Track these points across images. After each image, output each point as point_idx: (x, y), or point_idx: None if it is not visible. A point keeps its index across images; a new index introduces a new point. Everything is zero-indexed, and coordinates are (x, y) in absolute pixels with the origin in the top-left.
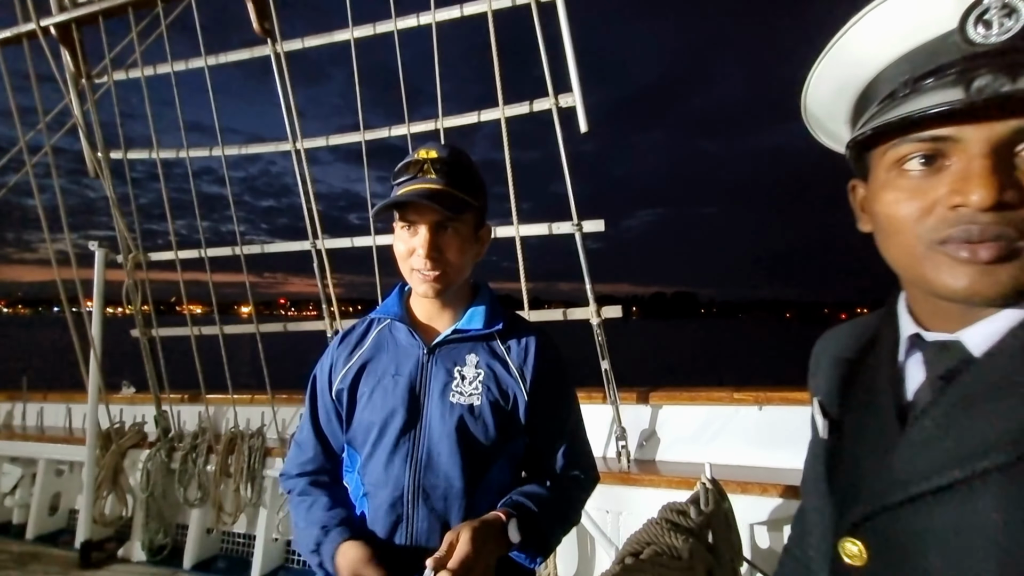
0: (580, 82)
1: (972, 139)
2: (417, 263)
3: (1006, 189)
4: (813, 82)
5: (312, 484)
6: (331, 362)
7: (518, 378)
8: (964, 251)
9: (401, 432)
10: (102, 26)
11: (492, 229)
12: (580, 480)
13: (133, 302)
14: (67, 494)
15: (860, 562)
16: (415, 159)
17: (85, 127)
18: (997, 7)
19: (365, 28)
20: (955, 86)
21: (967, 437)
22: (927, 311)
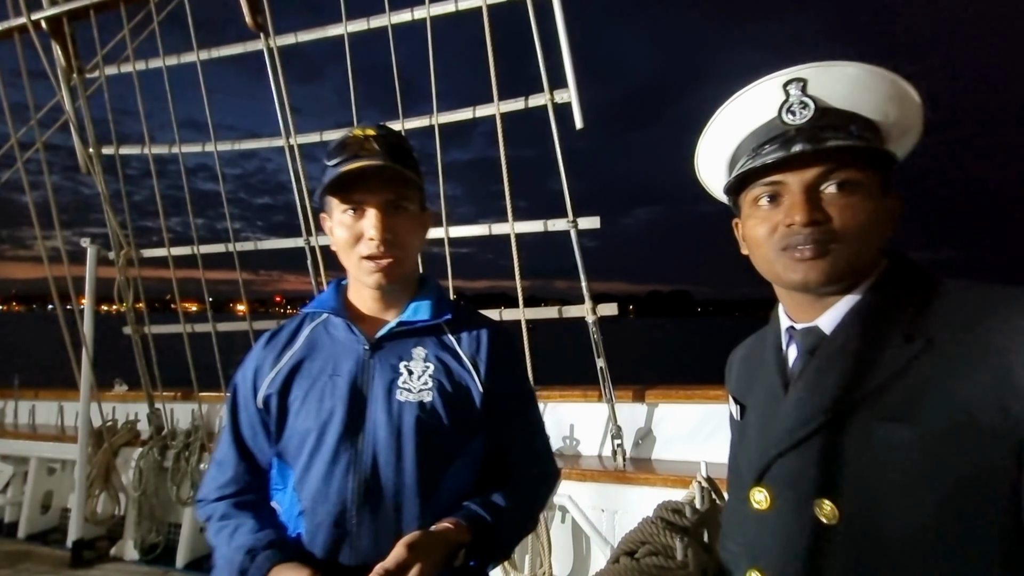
0: (576, 78)
1: (793, 182)
2: (368, 249)
3: (816, 211)
4: (699, 157)
5: (235, 506)
6: (256, 366)
7: (471, 369)
8: (796, 253)
9: (342, 438)
10: (94, 20)
11: (433, 214)
12: (543, 479)
13: (125, 299)
14: (59, 492)
15: (766, 505)
16: (352, 136)
17: (77, 123)
18: (797, 102)
19: (359, 23)
20: (780, 149)
21: (825, 392)
22: (793, 308)
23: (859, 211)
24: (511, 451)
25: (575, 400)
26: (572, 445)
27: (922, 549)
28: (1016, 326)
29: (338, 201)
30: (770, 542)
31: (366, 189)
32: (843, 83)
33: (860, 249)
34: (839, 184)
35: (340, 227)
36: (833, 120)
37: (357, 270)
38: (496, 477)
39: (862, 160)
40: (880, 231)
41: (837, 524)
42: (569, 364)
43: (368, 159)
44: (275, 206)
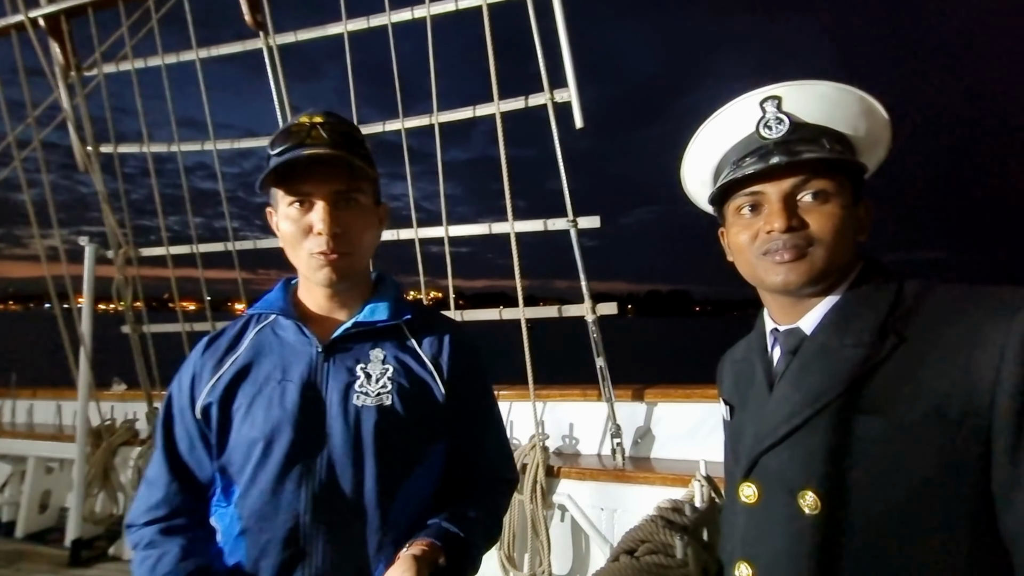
0: (576, 77)
1: (772, 192)
2: (316, 244)
3: (793, 218)
4: (684, 170)
5: (163, 532)
6: (193, 373)
7: (433, 371)
8: (776, 257)
9: (292, 448)
10: (92, 18)
11: (389, 208)
12: (505, 485)
13: (124, 298)
14: (57, 492)
15: (754, 499)
16: (299, 123)
17: (75, 121)
18: (773, 118)
19: (359, 21)
20: (759, 162)
21: (807, 389)
22: (776, 311)
23: (833, 217)
24: (475, 456)
25: (574, 399)
26: (571, 444)
27: (898, 535)
28: (977, 324)
29: (283, 193)
30: (758, 535)
31: (313, 180)
32: (815, 100)
33: (835, 252)
34: (814, 193)
35: (286, 221)
36: (806, 134)
37: (305, 267)
38: (459, 484)
39: (834, 171)
40: (853, 235)
41: (819, 514)
42: (568, 363)
43: (315, 148)
44: None
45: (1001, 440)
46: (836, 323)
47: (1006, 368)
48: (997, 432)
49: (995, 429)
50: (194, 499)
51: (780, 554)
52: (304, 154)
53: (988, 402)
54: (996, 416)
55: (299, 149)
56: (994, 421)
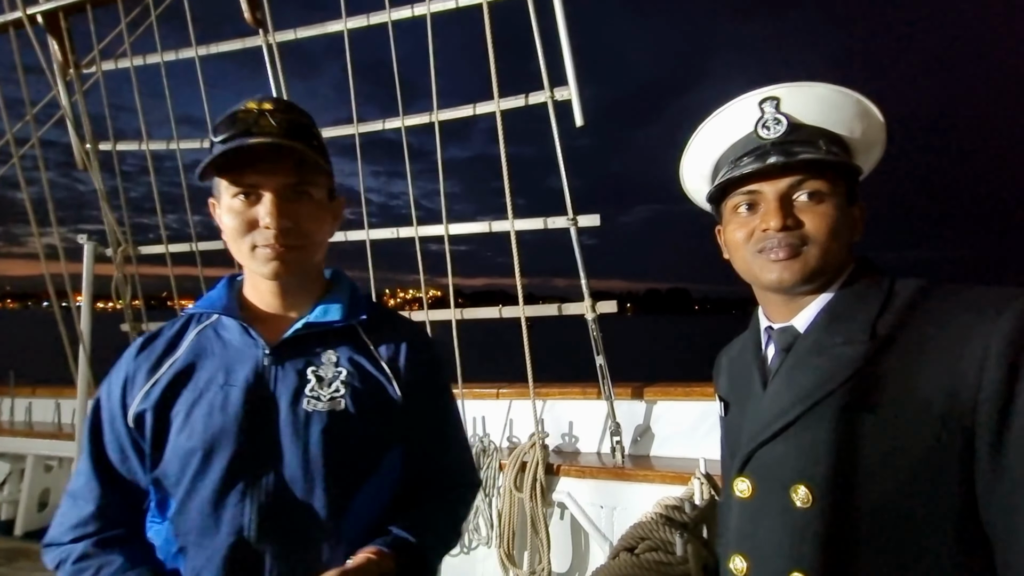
0: (576, 75)
1: (768, 191)
2: (263, 237)
3: (788, 217)
4: (683, 169)
5: (97, 545)
6: (125, 377)
7: (389, 374)
8: (771, 255)
9: (235, 458)
10: (90, 15)
11: (344, 202)
12: (465, 491)
13: (123, 296)
14: (56, 490)
15: (749, 494)
16: (245, 109)
17: (73, 118)
18: (771, 118)
19: (359, 19)
20: (757, 161)
21: (800, 386)
22: (771, 309)
23: (827, 217)
24: (432, 463)
25: (574, 397)
26: (571, 442)
27: (886, 527)
28: (963, 322)
29: (227, 184)
30: (752, 528)
31: (260, 171)
32: (813, 102)
33: (829, 251)
34: (809, 193)
35: (229, 214)
36: (804, 135)
37: (250, 260)
38: (416, 492)
39: (830, 172)
40: (847, 236)
41: (811, 508)
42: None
43: (263, 136)
44: None
45: (984, 437)
46: (828, 321)
47: (989, 367)
48: (980, 429)
49: (978, 426)
50: (129, 513)
51: (773, 547)
52: (250, 143)
53: (972, 400)
54: (979, 414)
55: (245, 137)
56: (977, 419)
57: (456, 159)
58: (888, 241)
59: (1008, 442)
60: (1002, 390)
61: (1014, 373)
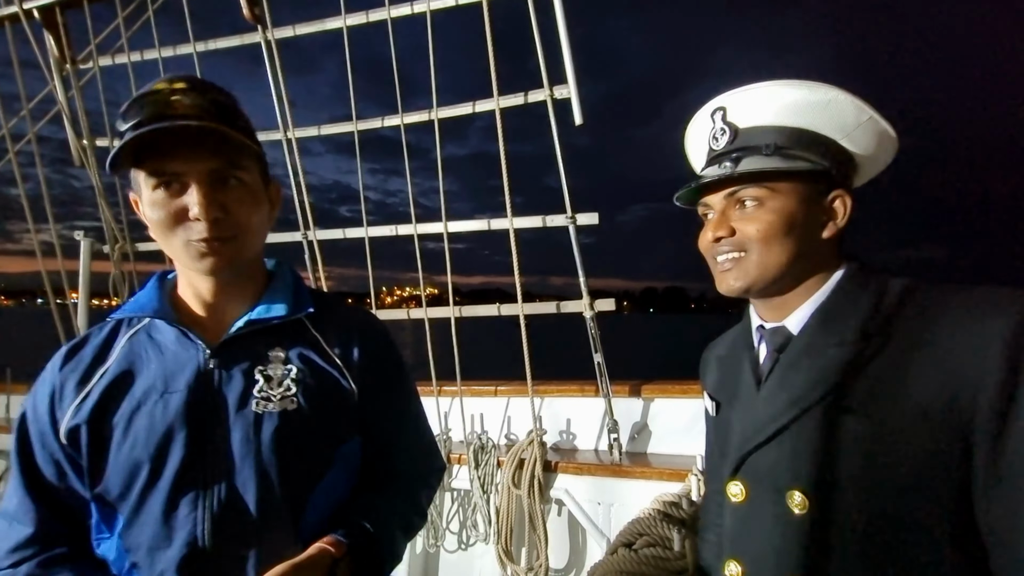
0: (576, 74)
1: (714, 203)
2: (195, 230)
3: (719, 229)
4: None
5: (41, 565)
6: (52, 391)
7: (341, 367)
8: (717, 264)
9: (184, 467)
10: (87, 10)
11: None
12: (427, 475)
13: (120, 293)
14: None
15: (742, 498)
16: (154, 89)
17: (70, 114)
18: (719, 130)
19: (358, 16)
20: (711, 170)
21: (793, 389)
22: (761, 309)
23: (759, 223)
24: (392, 453)
25: (572, 395)
26: (569, 439)
27: (884, 534)
28: (962, 323)
29: (146, 175)
30: (746, 533)
31: (181, 157)
32: (756, 104)
33: (768, 255)
34: (746, 201)
35: (152, 207)
36: (749, 140)
37: (184, 255)
38: (375, 481)
39: (773, 176)
40: (802, 235)
41: (806, 514)
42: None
43: (180, 119)
44: None
45: (982, 441)
46: (821, 323)
47: (989, 370)
48: (979, 433)
49: (977, 430)
50: (71, 530)
51: (769, 553)
52: (172, 124)
53: (971, 403)
54: (978, 417)
55: (158, 121)
56: (976, 422)
57: (454, 157)
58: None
59: (1008, 447)
60: (1003, 394)
61: (1015, 377)
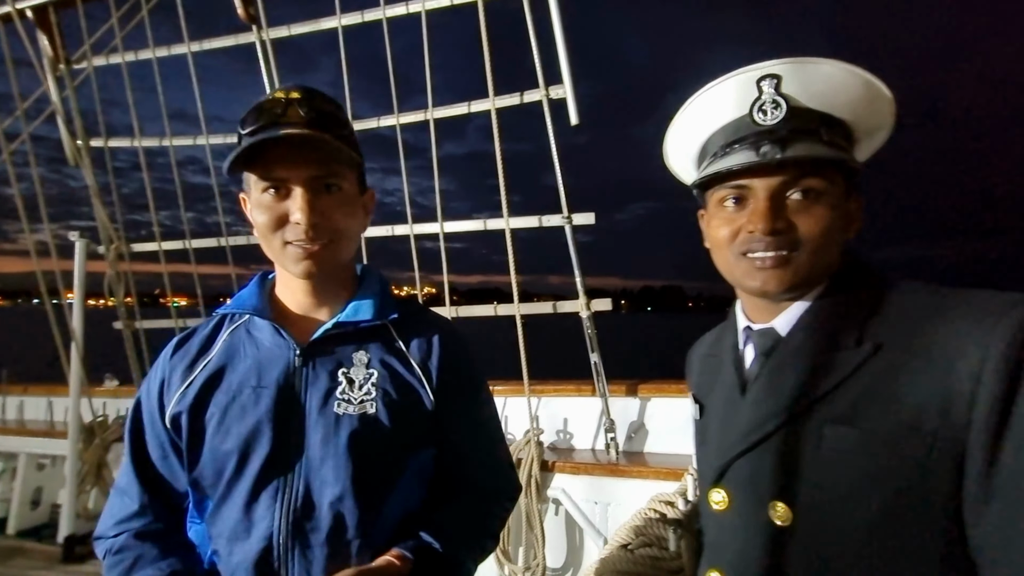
0: (571, 73)
1: (759, 188)
2: (294, 233)
3: (779, 220)
4: (667, 146)
5: (137, 537)
6: (162, 379)
7: (421, 376)
8: (757, 261)
9: (268, 462)
10: (81, 9)
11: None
12: (501, 495)
13: (116, 294)
14: (49, 488)
15: (724, 506)
16: (272, 99)
17: (64, 114)
18: (769, 101)
19: (353, 16)
20: (750, 150)
21: (780, 395)
22: (751, 309)
23: (821, 220)
24: (465, 466)
25: (569, 394)
26: (566, 439)
27: (869, 549)
28: (958, 331)
29: (256, 178)
30: (728, 543)
31: (289, 164)
32: (817, 82)
33: (820, 256)
34: (804, 191)
35: (259, 209)
36: (803, 123)
37: (282, 258)
38: (448, 495)
39: (828, 167)
40: (840, 236)
41: (790, 526)
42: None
43: (290, 127)
44: None
45: (976, 454)
46: (812, 326)
47: (985, 380)
48: (973, 446)
49: (971, 443)
50: (170, 510)
51: (750, 564)
52: (278, 134)
53: (965, 414)
54: (973, 429)
55: (272, 129)
56: (971, 434)
57: (451, 156)
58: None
59: (1002, 462)
60: (997, 407)
61: (1011, 389)
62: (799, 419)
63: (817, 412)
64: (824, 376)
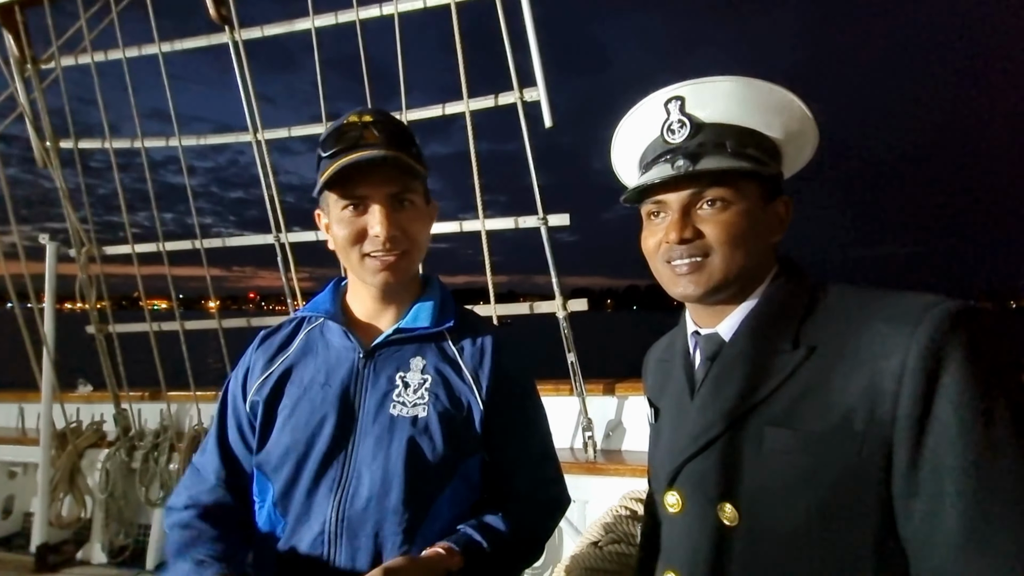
0: (545, 76)
1: (672, 201)
2: (373, 246)
3: (687, 229)
4: (615, 165)
5: (200, 517)
6: (247, 367)
7: (472, 384)
8: (676, 268)
9: (328, 453)
10: (47, 8)
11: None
12: (550, 507)
13: (88, 297)
14: (21, 497)
15: (678, 509)
16: (350, 122)
17: (32, 115)
18: (676, 121)
19: (327, 17)
20: (665, 165)
21: (724, 399)
22: (695, 314)
23: (729, 226)
24: (514, 476)
25: (547, 394)
26: None
27: (807, 545)
28: (884, 333)
29: (337, 196)
30: (681, 544)
31: (369, 182)
32: (719, 99)
33: (733, 260)
34: (711, 201)
35: (339, 224)
36: (710, 136)
37: (360, 269)
38: (497, 502)
39: (739, 178)
40: (759, 239)
41: (737, 525)
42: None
43: (370, 149)
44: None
45: (901, 450)
46: (752, 331)
47: (907, 379)
48: (898, 442)
49: (896, 440)
50: (239, 489)
51: (702, 564)
52: (364, 157)
53: (891, 413)
54: (898, 427)
55: (353, 151)
56: (896, 432)
57: (437, 155)
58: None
59: (925, 457)
60: (919, 405)
61: (930, 388)
62: (742, 422)
63: (758, 415)
64: (764, 379)
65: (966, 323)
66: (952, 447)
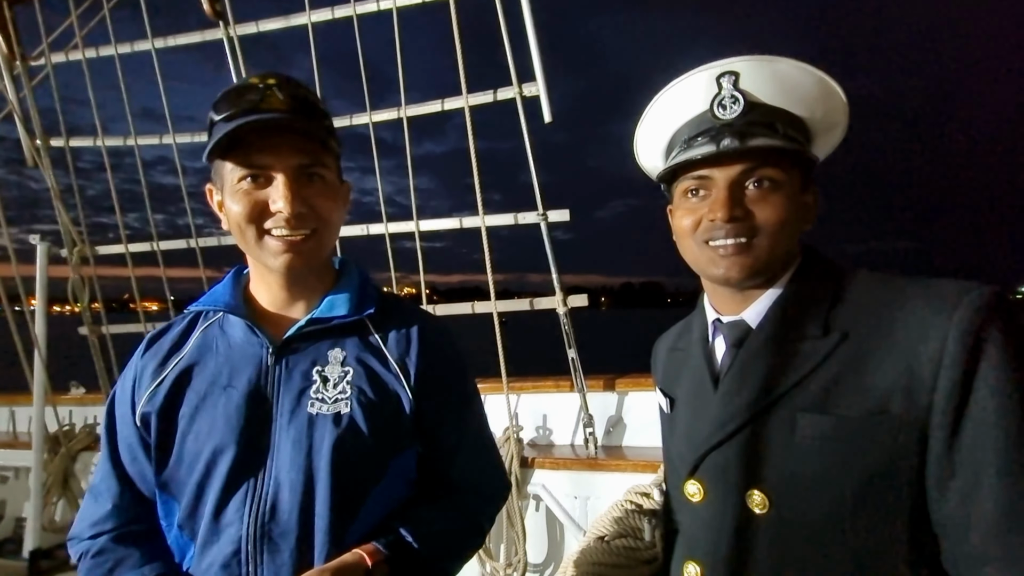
0: (545, 71)
1: (719, 177)
2: (275, 223)
3: (736, 208)
4: (637, 143)
5: (114, 540)
6: (134, 376)
7: (399, 373)
8: (720, 249)
9: (237, 464)
10: (37, 5)
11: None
12: (488, 496)
13: (80, 298)
14: (13, 501)
15: (700, 498)
16: (248, 84)
17: (21, 113)
18: (728, 96)
19: (323, 12)
20: (710, 143)
21: (752, 386)
22: (719, 301)
23: (779, 208)
24: (450, 467)
25: (548, 391)
26: (545, 435)
27: (840, 531)
28: (920, 318)
29: (233, 165)
30: (705, 534)
31: (272, 151)
32: (773, 79)
33: (779, 244)
34: (761, 181)
35: (235, 198)
36: (761, 116)
37: (258, 251)
38: (432, 495)
39: (785, 159)
40: (798, 226)
41: (767, 513)
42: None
43: (273, 114)
44: None
45: (938, 434)
46: (781, 317)
47: (946, 364)
48: (934, 426)
49: (933, 424)
50: (146, 510)
51: (729, 553)
52: (266, 118)
53: (927, 397)
54: (935, 411)
55: (253, 114)
56: (932, 416)
57: (432, 154)
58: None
59: (963, 441)
60: (957, 390)
61: (969, 372)
62: (772, 408)
63: (789, 401)
64: (795, 365)
65: (1001, 308)
66: (991, 430)
